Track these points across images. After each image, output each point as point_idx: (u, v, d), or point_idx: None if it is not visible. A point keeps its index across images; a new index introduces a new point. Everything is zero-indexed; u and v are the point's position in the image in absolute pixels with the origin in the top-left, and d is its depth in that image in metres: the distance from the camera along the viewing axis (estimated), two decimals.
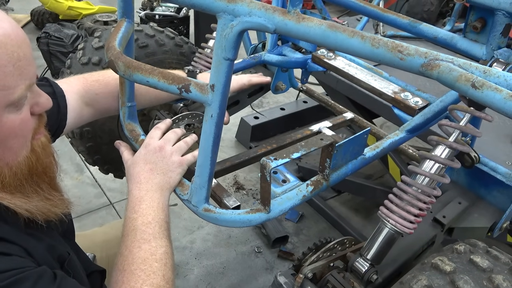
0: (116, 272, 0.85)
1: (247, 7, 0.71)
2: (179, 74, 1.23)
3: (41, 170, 0.78)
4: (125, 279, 0.82)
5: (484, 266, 0.87)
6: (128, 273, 0.83)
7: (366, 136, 1.07)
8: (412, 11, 4.53)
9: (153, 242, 0.88)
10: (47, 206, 0.78)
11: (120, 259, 0.86)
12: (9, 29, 0.67)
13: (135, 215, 0.91)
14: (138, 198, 0.93)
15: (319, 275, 1.12)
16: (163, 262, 0.86)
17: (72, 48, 3.46)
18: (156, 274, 0.83)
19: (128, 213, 0.92)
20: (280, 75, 1.70)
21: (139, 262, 0.84)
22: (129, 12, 1.03)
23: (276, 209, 0.97)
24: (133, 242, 0.87)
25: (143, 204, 0.92)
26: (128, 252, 0.86)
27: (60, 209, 0.82)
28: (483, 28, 1.11)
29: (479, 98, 0.63)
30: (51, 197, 0.81)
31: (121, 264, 0.85)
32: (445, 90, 1.04)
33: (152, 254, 0.86)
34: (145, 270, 0.83)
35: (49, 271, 0.72)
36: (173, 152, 1.00)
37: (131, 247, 0.86)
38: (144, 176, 0.96)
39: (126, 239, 0.88)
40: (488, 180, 1.38)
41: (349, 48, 0.69)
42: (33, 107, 0.75)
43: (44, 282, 0.69)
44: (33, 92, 0.74)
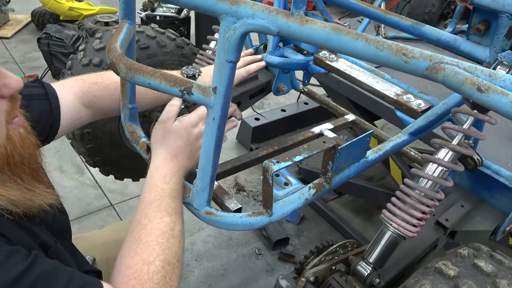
0: (131, 240, 0.82)
1: (250, 9, 0.70)
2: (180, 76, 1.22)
3: (18, 159, 0.75)
4: (139, 250, 0.80)
5: (488, 270, 0.87)
6: (143, 244, 0.80)
7: (369, 139, 1.07)
8: (413, 13, 4.53)
9: (174, 217, 0.86)
10: (27, 196, 0.75)
11: (137, 227, 0.83)
12: None
13: (165, 185, 0.89)
14: (172, 171, 0.91)
15: (321, 278, 1.11)
16: (178, 239, 0.85)
17: (73, 49, 3.46)
18: (170, 250, 0.82)
19: (156, 180, 0.89)
20: (282, 76, 1.70)
21: (158, 234, 0.82)
22: (131, 14, 1.03)
23: (278, 212, 0.96)
24: (156, 211, 0.85)
25: (175, 177, 0.91)
26: (147, 221, 0.83)
27: (44, 200, 0.79)
28: (487, 30, 1.10)
29: (485, 102, 0.62)
30: (34, 188, 0.78)
31: (138, 232, 0.82)
32: (447, 92, 1.03)
33: (171, 229, 0.84)
34: (161, 244, 0.81)
35: (23, 250, 0.69)
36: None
37: (152, 217, 0.84)
38: (183, 155, 0.94)
39: (148, 207, 0.85)
40: (491, 183, 1.37)
41: (353, 50, 0.68)
42: (1, 89, 0.72)
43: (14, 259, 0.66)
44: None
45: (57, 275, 0.70)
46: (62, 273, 0.71)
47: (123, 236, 1.15)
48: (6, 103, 0.73)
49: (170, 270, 0.81)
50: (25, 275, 0.65)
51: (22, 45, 4.31)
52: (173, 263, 0.81)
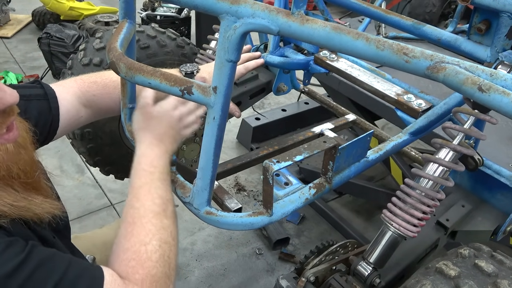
0: (125, 224, 0.83)
1: (251, 8, 0.70)
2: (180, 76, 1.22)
3: (5, 174, 0.73)
4: (135, 232, 0.81)
5: (489, 270, 0.87)
6: (138, 226, 0.82)
7: (369, 139, 1.07)
8: (414, 13, 4.52)
9: (165, 198, 0.88)
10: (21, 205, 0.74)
11: (130, 211, 0.85)
12: None
13: (153, 169, 0.90)
14: (158, 155, 0.93)
15: (322, 278, 1.11)
16: (171, 219, 0.86)
17: (73, 49, 3.46)
18: (165, 230, 0.83)
19: (143, 165, 0.91)
20: (282, 76, 1.69)
21: (151, 216, 0.83)
22: (131, 13, 1.03)
23: (279, 212, 0.96)
24: (147, 194, 0.86)
25: (162, 160, 0.92)
26: (140, 205, 0.85)
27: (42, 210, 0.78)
28: (488, 30, 1.10)
29: (486, 102, 0.62)
30: (31, 198, 0.77)
31: (131, 216, 0.84)
32: (447, 92, 1.03)
33: (163, 210, 0.86)
34: (156, 225, 0.82)
35: (21, 241, 0.69)
36: (186, 127, 1.01)
37: (144, 200, 0.85)
38: (166, 138, 0.96)
39: (139, 191, 0.87)
40: (492, 183, 1.37)
41: (354, 50, 0.68)
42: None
43: (14, 249, 0.66)
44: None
45: (55, 262, 0.70)
46: (60, 260, 0.71)
47: None
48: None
49: (168, 249, 0.82)
50: (23, 265, 0.66)
51: (22, 44, 4.31)
52: (169, 242, 0.83)
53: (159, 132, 0.96)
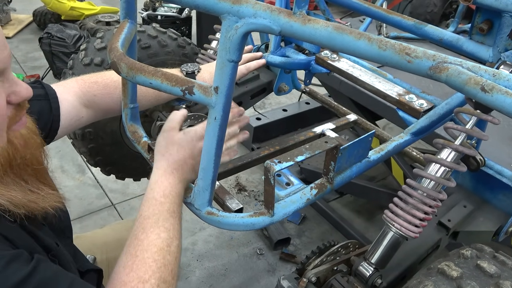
0: (127, 255, 0.81)
1: (252, 8, 0.70)
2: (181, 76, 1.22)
3: (20, 161, 0.75)
4: (135, 266, 0.79)
5: (491, 271, 0.86)
6: (139, 260, 0.79)
7: (371, 139, 1.06)
8: (415, 12, 4.52)
9: (171, 232, 0.85)
10: (31, 198, 0.75)
11: (133, 242, 0.82)
12: None
13: (164, 199, 0.87)
14: (172, 184, 0.89)
15: (323, 279, 1.11)
16: (174, 256, 0.84)
17: (74, 49, 3.46)
18: (166, 268, 0.81)
19: (155, 194, 0.88)
20: (283, 76, 1.69)
21: (154, 250, 0.81)
22: (132, 13, 1.02)
23: (280, 212, 0.96)
24: (153, 227, 0.83)
25: (175, 190, 0.89)
26: (144, 237, 0.82)
27: (48, 203, 0.78)
28: (490, 30, 1.09)
29: (489, 102, 0.62)
30: (38, 190, 0.78)
31: (134, 248, 0.81)
32: (449, 92, 1.03)
33: (168, 245, 0.83)
34: (158, 261, 0.80)
35: (26, 254, 0.69)
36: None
37: (149, 232, 0.82)
38: (184, 168, 0.92)
39: (146, 222, 0.84)
40: (494, 183, 1.37)
41: (356, 50, 0.68)
42: (10, 96, 0.72)
43: (17, 263, 0.66)
44: (9, 81, 0.72)
45: (58, 281, 0.70)
46: (63, 279, 0.71)
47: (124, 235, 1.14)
48: (11, 109, 0.73)
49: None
50: (26, 282, 0.65)
51: (23, 44, 4.32)
52: (168, 281, 0.80)
53: (177, 160, 0.92)
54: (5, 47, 0.69)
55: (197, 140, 0.94)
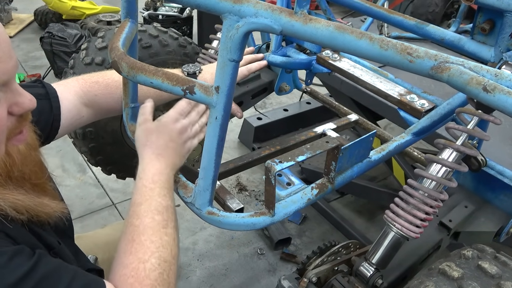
0: (125, 242, 0.82)
1: (253, 8, 0.70)
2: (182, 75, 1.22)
3: (18, 174, 0.75)
4: (133, 250, 0.80)
5: (492, 272, 0.86)
6: (137, 244, 0.81)
7: (372, 139, 1.06)
8: (416, 12, 4.51)
9: (165, 215, 0.86)
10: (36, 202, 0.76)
11: (129, 228, 0.84)
12: None
13: (153, 185, 0.89)
14: (159, 170, 0.92)
15: (324, 279, 1.10)
16: (172, 237, 0.85)
17: (75, 48, 3.46)
18: (165, 248, 0.82)
19: (144, 181, 0.90)
20: (284, 76, 1.69)
21: (150, 233, 0.82)
22: (133, 13, 1.02)
23: (281, 212, 0.95)
24: (146, 211, 0.85)
25: (163, 176, 0.91)
26: (139, 222, 0.84)
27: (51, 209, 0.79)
28: (492, 30, 1.09)
29: (491, 102, 0.61)
30: (40, 199, 0.78)
31: (130, 233, 0.83)
32: (450, 92, 1.03)
33: (163, 227, 0.84)
34: (155, 242, 0.81)
35: (27, 249, 0.69)
36: (190, 138, 1.00)
37: (143, 217, 0.84)
38: (167, 152, 0.95)
39: (139, 208, 0.86)
40: (495, 183, 1.37)
41: (357, 49, 0.68)
42: (12, 107, 0.71)
43: (20, 258, 0.66)
44: (13, 91, 0.71)
45: (61, 274, 0.70)
46: (65, 272, 0.71)
47: None
48: (13, 121, 0.73)
49: (167, 267, 0.81)
50: (29, 276, 0.66)
51: (24, 44, 4.32)
52: (169, 260, 0.81)
53: (159, 147, 0.95)
54: (10, 58, 0.69)
55: (173, 123, 0.96)
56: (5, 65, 0.67)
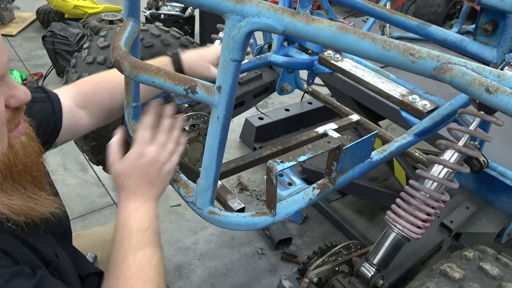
0: (109, 280, 0.82)
1: (256, 7, 0.70)
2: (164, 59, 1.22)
3: (21, 168, 0.75)
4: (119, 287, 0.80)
5: (494, 273, 0.86)
6: (122, 281, 0.80)
7: (374, 139, 1.06)
8: (418, 13, 4.50)
9: (148, 249, 0.86)
10: (30, 205, 0.76)
11: (113, 267, 0.83)
12: None
13: (131, 222, 0.88)
14: (135, 207, 0.91)
15: (325, 279, 1.10)
16: (157, 270, 0.84)
17: (78, 47, 3.46)
18: (151, 282, 0.81)
19: (122, 219, 0.89)
20: (286, 76, 1.69)
21: (134, 269, 0.82)
22: (135, 12, 1.02)
23: (282, 212, 0.95)
24: (127, 248, 0.84)
25: (140, 211, 0.90)
26: (122, 259, 0.83)
27: (46, 208, 0.79)
28: (494, 31, 1.09)
29: (494, 103, 0.61)
30: (36, 196, 0.78)
31: (114, 271, 0.82)
32: (452, 93, 1.02)
33: (148, 261, 0.84)
34: (140, 278, 0.81)
35: (27, 270, 0.69)
36: (167, 161, 0.97)
37: (125, 254, 0.84)
38: (141, 189, 0.93)
39: (120, 246, 0.86)
40: (497, 185, 1.36)
41: (360, 50, 0.68)
42: (9, 100, 0.72)
43: (19, 280, 0.66)
44: (8, 85, 0.72)
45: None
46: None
47: None
48: (9, 112, 0.74)
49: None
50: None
51: (27, 43, 4.33)
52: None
53: (130, 187, 0.93)
54: (4, 52, 0.69)
55: (138, 159, 0.94)
56: (1, 58, 0.68)
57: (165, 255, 2.11)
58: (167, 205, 2.42)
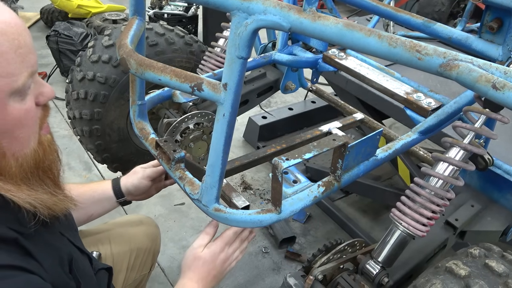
0: None
1: (262, 5, 0.70)
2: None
3: (47, 164, 0.79)
4: None
5: (499, 270, 0.86)
6: None
7: (379, 137, 1.06)
8: (422, 12, 4.48)
9: None
10: (53, 200, 0.79)
11: None
12: (8, 18, 0.68)
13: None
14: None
15: (329, 277, 1.10)
16: None
17: (81, 46, 3.47)
18: None
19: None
20: (290, 74, 1.69)
21: None
22: (141, 10, 1.03)
23: (287, 209, 0.96)
24: None
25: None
26: None
27: (64, 205, 0.83)
28: (500, 28, 1.08)
29: (500, 99, 0.61)
30: (56, 193, 0.81)
31: None
32: (456, 91, 1.03)
33: None
34: None
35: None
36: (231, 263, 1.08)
37: None
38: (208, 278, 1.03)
39: None
40: (502, 183, 1.36)
41: (366, 47, 0.68)
42: (38, 97, 0.75)
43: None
44: (36, 83, 0.75)
45: None
46: None
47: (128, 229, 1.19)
48: (40, 110, 0.77)
49: None
50: None
51: None
52: None
53: (202, 272, 1.03)
54: (34, 52, 0.72)
55: (219, 252, 1.05)
56: (34, 56, 0.71)
57: (169, 253, 2.12)
58: (171, 203, 2.42)
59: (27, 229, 0.73)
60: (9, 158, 0.71)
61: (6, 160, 0.71)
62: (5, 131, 0.69)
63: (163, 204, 2.39)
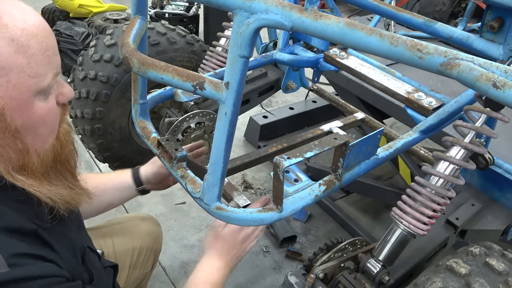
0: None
1: (264, 4, 0.70)
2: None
3: (64, 157, 0.82)
4: None
5: (500, 269, 0.86)
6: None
7: (380, 136, 1.06)
8: (423, 11, 4.48)
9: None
10: (71, 194, 0.82)
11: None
12: (38, 21, 0.73)
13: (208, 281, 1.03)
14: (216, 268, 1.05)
15: (330, 275, 1.11)
16: None
17: (83, 46, 3.48)
18: None
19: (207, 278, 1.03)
20: (291, 74, 1.69)
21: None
22: (143, 9, 1.03)
23: (288, 208, 0.96)
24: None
25: (217, 274, 1.05)
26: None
27: (81, 198, 0.86)
28: (501, 28, 1.09)
29: (501, 98, 0.61)
30: (73, 186, 0.84)
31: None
32: (457, 91, 1.03)
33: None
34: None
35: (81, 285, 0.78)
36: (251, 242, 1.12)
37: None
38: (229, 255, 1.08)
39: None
40: (502, 182, 1.36)
41: (367, 46, 0.68)
42: (58, 97, 0.79)
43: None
44: (58, 83, 0.78)
45: None
46: None
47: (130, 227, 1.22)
48: (60, 109, 0.80)
49: None
50: None
51: None
52: None
53: (223, 251, 1.08)
54: (58, 54, 0.76)
55: (238, 232, 1.09)
56: (58, 58, 0.75)
57: (170, 252, 2.13)
58: (172, 203, 2.43)
59: (44, 223, 0.76)
60: (32, 154, 0.75)
61: (30, 156, 0.74)
62: (30, 128, 0.73)
63: (164, 203, 2.40)
